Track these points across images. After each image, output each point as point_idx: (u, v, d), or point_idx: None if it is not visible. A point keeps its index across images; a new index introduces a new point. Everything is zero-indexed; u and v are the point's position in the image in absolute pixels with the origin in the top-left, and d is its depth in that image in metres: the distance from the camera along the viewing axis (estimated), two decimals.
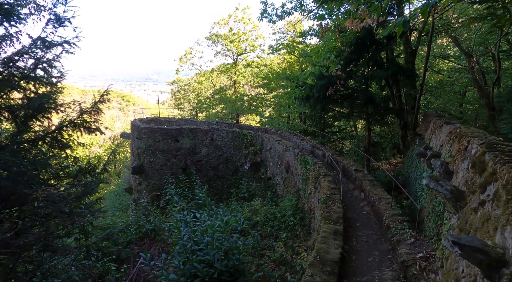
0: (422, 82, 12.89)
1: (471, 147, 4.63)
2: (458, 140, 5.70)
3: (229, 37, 27.10)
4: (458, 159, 5.26)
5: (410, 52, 13.78)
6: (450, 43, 18.81)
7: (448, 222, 4.60)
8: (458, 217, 4.07)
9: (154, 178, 17.27)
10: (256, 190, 15.76)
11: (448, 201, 4.14)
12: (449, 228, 4.39)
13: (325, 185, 9.02)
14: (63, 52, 4.69)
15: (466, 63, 16.53)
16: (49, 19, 4.47)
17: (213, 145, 17.66)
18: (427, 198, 7.34)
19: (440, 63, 20.85)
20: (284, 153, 14.30)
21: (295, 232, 9.85)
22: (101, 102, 5.63)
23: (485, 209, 3.17)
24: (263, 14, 14.20)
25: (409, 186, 11.44)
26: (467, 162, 4.56)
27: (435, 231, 5.27)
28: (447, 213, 4.69)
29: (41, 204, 5.27)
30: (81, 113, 5.36)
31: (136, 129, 17.76)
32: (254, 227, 11.14)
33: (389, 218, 6.80)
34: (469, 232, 3.38)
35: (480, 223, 3.12)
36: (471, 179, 3.98)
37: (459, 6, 15.52)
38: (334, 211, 7.20)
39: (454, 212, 4.18)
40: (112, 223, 12.02)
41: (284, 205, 11.57)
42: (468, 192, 3.91)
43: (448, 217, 4.71)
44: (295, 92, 12.66)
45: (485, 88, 14.24)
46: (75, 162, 6.78)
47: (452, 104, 19.14)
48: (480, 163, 3.71)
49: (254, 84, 29.08)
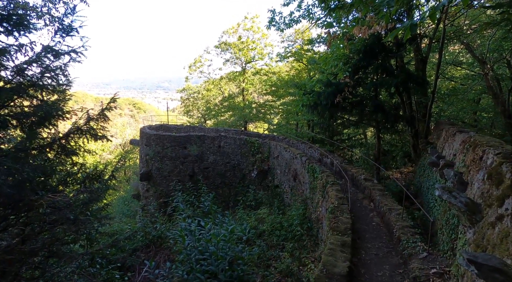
0: (433, 90, 12.58)
1: (486, 157, 4.40)
2: (472, 149, 5.46)
3: (237, 46, 27.42)
4: (473, 169, 5.01)
5: (421, 59, 13.53)
6: (462, 50, 18.41)
7: (463, 236, 4.35)
8: (474, 231, 3.84)
9: (162, 185, 17.33)
10: (263, 198, 15.57)
11: (462, 214, 3.92)
12: (464, 242, 4.14)
13: (333, 194, 8.79)
14: (70, 61, 4.78)
15: (479, 70, 16.12)
16: (58, 28, 4.60)
17: (221, 152, 17.65)
18: (440, 209, 7.03)
19: (452, 70, 20.39)
20: (291, 160, 14.13)
21: (302, 242, 9.59)
22: (108, 109, 5.69)
23: (503, 224, 2.96)
24: (271, 23, 14.31)
25: (421, 196, 11.05)
26: (482, 173, 4.33)
27: (449, 246, 5.00)
28: (462, 226, 4.44)
29: (47, 211, 5.29)
30: (88, 121, 5.43)
31: (145, 136, 17.97)
32: (260, 236, 10.93)
33: (400, 230, 6.52)
34: (486, 249, 3.16)
35: (498, 239, 2.91)
36: (487, 191, 3.76)
37: (471, 12, 15.27)
38: (342, 222, 6.97)
39: (469, 226, 3.95)
40: (119, 230, 12.04)
41: (291, 214, 11.34)
42: (484, 205, 3.69)
43: (463, 231, 4.45)
44: (302, 99, 12.57)
45: (501, 95, 13.78)
46: (82, 168, 6.83)
47: (466, 112, 18.58)
48: (497, 174, 3.50)
49: (262, 91, 29.17)
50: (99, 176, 6.76)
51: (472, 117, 18.72)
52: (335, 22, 13.32)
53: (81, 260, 6.52)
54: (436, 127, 12.00)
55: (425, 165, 11.63)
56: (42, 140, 5.12)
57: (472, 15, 15.30)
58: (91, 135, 5.43)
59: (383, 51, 12.22)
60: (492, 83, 14.08)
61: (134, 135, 45.90)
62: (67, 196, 6.31)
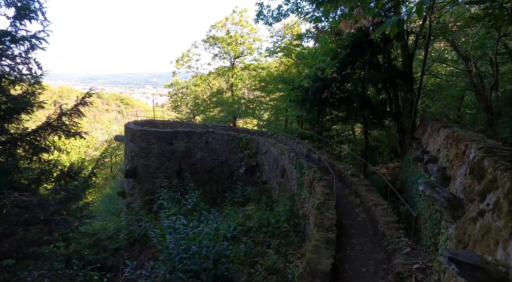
0: (419, 86, 12.71)
1: (469, 152, 4.37)
2: (455, 144, 5.45)
3: (226, 40, 26.98)
4: (456, 164, 5.00)
5: (408, 55, 13.60)
6: (448, 47, 18.75)
7: (446, 231, 4.33)
8: (455, 226, 3.80)
9: (148, 182, 16.93)
10: (251, 194, 15.45)
11: (445, 209, 3.87)
12: (446, 238, 4.11)
13: (320, 190, 8.74)
14: (32, 48, 4.39)
15: (463, 68, 16.47)
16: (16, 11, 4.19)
17: (208, 148, 17.38)
18: (424, 204, 7.07)
19: (438, 67, 20.74)
20: (279, 156, 14.03)
21: (289, 239, 9.53)
22: (82, 104, 5.35)
23: (484, 220, 2.91)
24: (259, 16, 14.02)
25: (406, 191, 11.17)
26: (465, 167, 4.30)
27: (432, 241, 4.99)
28: (445, 221, 4.42)
29: (15, 211, 4.96)
30: (60, 116, 5.08)
31: (130, 132, 17.47)
32: (247, 233, 10.82)
33: (385, 225, 6.52)
34: (467, 245, 3.11)
35: (479, 235, 2.85)
36: (469, 186, 3.72)
37: (456, 9, 15.55)
38: (327, 218, 6.91)
39: (451, 221, 3.91)
40: (102, 229, 11.67)
41: (278, 210, 11.27)
42: (466, 200, 3.64)
43: (446, 226, 4.43)
44: (290, 95, 12.45)
45: (483, 92, 14.07)
46: (56, 166, 6.47)
47: (450, 108, 18.98)
48: (479, 168, 3.45)
49: (251, 87, 28.89)
50: (75, 174, 6.42)
51: (456, 114, 19.13)
52: (323, 16, 13.22)
53: (55, 262, 6.20)
54: (422, 123, 12.12)
55: (410, 160, 11.74)
56: (10, 136, 4.76)
57: (457, 12, 15.55)
58: (63, 131, 5.09)
59: (370, 47, 12.19)
60: (475, 80, 14.36)
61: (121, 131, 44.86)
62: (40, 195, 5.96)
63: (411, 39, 15.16)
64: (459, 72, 17.45)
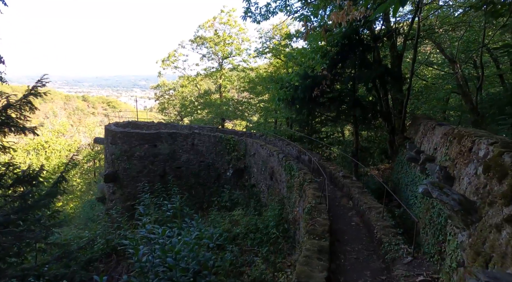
0: (409, 86, 12.58)
1: (477, 148, 3.88)
2: (457, 141, 4.99)
3: (213, 40, 26.36)
4: (460, 162, 4.52)
5: (397, 56, 13.43)
6: (434, 49, 19.06)
7: (454, 238, 3.80)
8: (468, 234, 3.27)
9: (129, 186, 15.96)
10: (239, 198, 14.76)
11: (455, 213, 3.34)
12: (456, 246, 3.58)
13: (310, 192, 8.18)
14: None
15: (449, 70, 16.69)
16: None
17: (194, 150, 16.60)
18: (422, 207, 6.60)
19: (424, 70, 20.92)
20: (268, 158, 13.43)
21: (278, 246, 8.91)
22: (34, 95, 4.58)
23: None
24: (246, 13, 13.47)
25: (399, 193, 10.76)
26: (474, 166, 3.81)
27: (435, 248, 4.47)
28: (453, 227, 3.89)
29: None
30: (4, 109, 4.28)
31: (110, 134, 16.48)
32: (234, 240, 10.12)
33: (381, 231, 5.99)
34: (490, 258, 2.56)
35: (509, 247, 2.30)
36: (484, 186, 3.20)
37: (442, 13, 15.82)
38: (319, 223, 6.33)
39: (463, 227, 3.38)
40: (75, 238, 10.70)
41: (266, 215, 10.63)
42: (481, 203, 3.12)
43: (453, 233, 3.91)
44: (279, 93, 11.90)
45: (469, 93, 14.08)
46: (11, 169, 5.62)
47: (436, 111, 19.05)
48: (498, 166, 2.93)
49: (240, 88, 28.31)
50: (33, 178, 5.59)
51: (442, 116, 19.20)
52: (312, 15, 12.83)
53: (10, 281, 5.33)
54: (413, 122, 11.81)
55: (403, 160, 11.38)
56: None
57: (442, 15, 15.79)
58: (9, 127, 4.30)
59: (360, 44, 11.86)
60: (461, 82, 14.37)
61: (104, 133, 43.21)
62: None
63: (399, 41, 15.12)
64: (445, 74, 17.62)
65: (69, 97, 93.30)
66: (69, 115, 78.58)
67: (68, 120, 69.22)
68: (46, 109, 71.02)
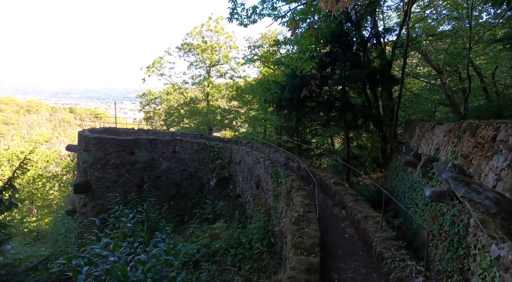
0: (399, 93, 12.19)
1: (505, 135, 3.04)
2: (470, 134, 4.16)
3: (201, 46, 25.77)
4: (477, 157, 3.66)
5: (386, 63, 13.07)
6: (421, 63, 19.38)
7: (484, 253, 2.86)
8: (511, 246, 2.33)
9: (103, 198, 14.51)
10: (223, 210, 13.57)
11: (492, 217, 2.41)
12: (490, 264, 2.63)
13: (298, 200, 7.19)
14: None
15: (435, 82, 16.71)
16: None
17: (176, 158, 15.43)
18: (426, 215, 5.69)
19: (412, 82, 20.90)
20: (254, 165, 12.43)
21: (262, 262, 7.78)
22: None
23: None
24: (232, 15, 12.87)
25: (394, 202, 9.90)
26: (503, 157, 2.94)
27: (455, 266, 3.51)
28: (478, 237, 2.95)
29: None
30: None
31: (84, 140, 15.15)
32: (213, 256, 8.91)
33: (381, 244, 5.02)
34: None
35: None
36: None
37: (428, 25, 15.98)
38: (308, 235, 5.32)
39: (501, 236, 2.44)
40: (27, 257, 9.22)
41: (250, 227, 9.51)
42: None
43: (480, 244, 2.97)
44: (265, 95, 11.08)
45: (457, 104, 13.85)
46: None
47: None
48: None
49: (228, 96, 27.55)
50: None
51: None
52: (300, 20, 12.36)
53: None
54: (408, 126, 11.16)
55: (398, 167, 10.62)
56: None
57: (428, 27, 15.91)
58: None
59: (350, 47, 11.37)
60: (449, 92, 14.15)
61: None
62: None
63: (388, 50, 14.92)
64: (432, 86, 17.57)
65: (56, 109, 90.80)
66: (54, 127, 75.90)
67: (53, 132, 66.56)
68: (30, 120, 68.41)
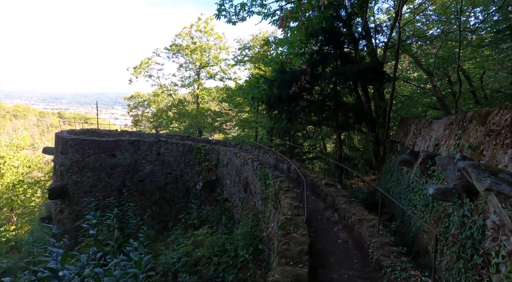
0: (391, 93, 11.85)
1: None
2: (480, 123, 3.62)
3: (190, 47, 25.16)
4: (492, 146, 3.10)
5: (378, 64, 12.74)
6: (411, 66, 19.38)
7: (510, 262, 2.25)
8: None
9: (80, 203, 13.51)
10: (209, 215, 12.77)
11: None
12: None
13: (287, 202, 6.55)
14: None
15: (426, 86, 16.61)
16: None
17: (160, 161, 14.61)
18: (427, 216, 5.11)
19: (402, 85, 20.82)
20: (242, 167, 11.76)
21: (248, 271, 7.06)
22: None
23: None
24: (220, 11, 12.33)
25: (390, 203, 9.35)
26: None
27: (470, 277, 2.90)
28: (500, 242, 2.35)
29: None
30: None
31: (61, 142, 14.19)
32: (195, 266, 8.13)
33: (378, 250, 4.41)
34: None
35: None
36: None
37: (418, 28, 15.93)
38: (295, 241, 4.66)
39: None
40: None
41: (236, 233, 8.79)
42: None
43: (503, 251, 2.37)
44: (253, 92, 10.48)
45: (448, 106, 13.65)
46: None
47: None
48: None
49: (218, 98, 26.91)
50: None
51: None
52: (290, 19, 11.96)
53: None
54: (402, 125, 10.72)
55: (392, 168, 10.12)
56: None
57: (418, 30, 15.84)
58: None
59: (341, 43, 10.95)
60: (440, 95, 13.96)
61: None
62: None
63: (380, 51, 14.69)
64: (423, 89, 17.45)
65: (44, 114, 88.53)
66: (42, 132, 73.71)
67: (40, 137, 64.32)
68: (17, 125, 66.25)
